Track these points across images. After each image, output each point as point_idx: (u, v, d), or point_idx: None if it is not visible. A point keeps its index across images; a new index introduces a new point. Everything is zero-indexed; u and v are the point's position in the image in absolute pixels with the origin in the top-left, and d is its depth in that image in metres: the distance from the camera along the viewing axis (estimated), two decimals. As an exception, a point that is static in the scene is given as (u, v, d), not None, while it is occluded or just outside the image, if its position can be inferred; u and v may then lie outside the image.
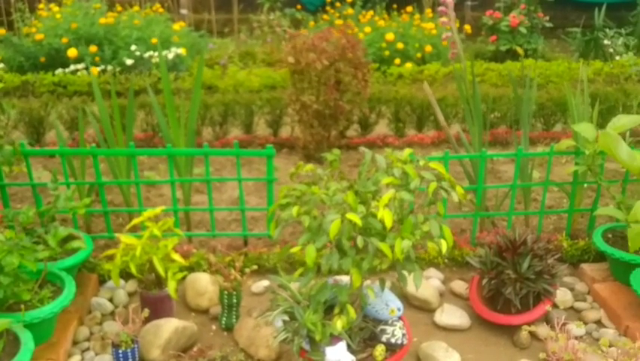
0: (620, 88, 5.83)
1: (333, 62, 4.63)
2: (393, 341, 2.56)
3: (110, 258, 3.14)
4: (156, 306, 3.04)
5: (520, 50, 7.64)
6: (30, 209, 2.82)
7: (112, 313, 3.21)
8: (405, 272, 2.36)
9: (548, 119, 5.80)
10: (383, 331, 2.59)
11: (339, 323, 2.34)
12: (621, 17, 8.64)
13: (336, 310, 2.40)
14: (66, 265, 3.02)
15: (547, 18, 7.95)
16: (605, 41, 7.23)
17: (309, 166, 2.54)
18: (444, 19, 3.99)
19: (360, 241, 2.18)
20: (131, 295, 3.36)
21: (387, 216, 2.14)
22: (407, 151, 2.42)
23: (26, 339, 2.48)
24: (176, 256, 3.01)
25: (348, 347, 2.52)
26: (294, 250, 2.29)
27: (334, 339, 2.48)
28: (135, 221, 3.02)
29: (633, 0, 8.81)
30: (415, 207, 2.42)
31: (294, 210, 2.31)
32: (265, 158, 3.42)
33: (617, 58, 7.16)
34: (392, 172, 2.35)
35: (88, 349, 2.95)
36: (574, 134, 3.66)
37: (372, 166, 2.47)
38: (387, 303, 2.71)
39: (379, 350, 2.52)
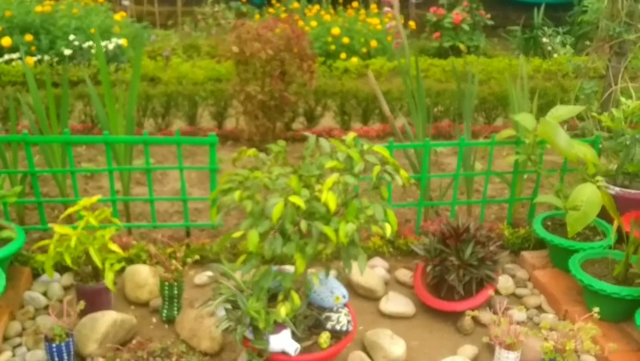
0: (557, 83, 6.00)
1: (278, 52, 4.58)
2: (338, 327, 2.54)
3: (44, 249, 3.00)
4: (93, 299, 2.91)
5: (462, 47, 7.79)
6: (-45, 197, 2.66)
7: (46, 308, 3.07)
8: (350, 259, 2.33)
9: (490, 113, 5.91)
10: (328, 318, 2.56)
11: (283, 310, 2.29)
12: (559, 17, 8.92)
13: (280, 297, 2.35)
14: (-5, 258, 2.86)
15: (489, 16, 8.13)
16: (544, 39, 7.44)
17: (252, 151, 2.49)
18: (388, 8, 3.99)
19: (303, 224, 2.14)
20: (66, 288, 3.22)
21: (330, 199, 2.11)
22: (351, 135, 2.40)
23: (-50, 334, 2.34)
24: (114, 247, 2.90)
25: (293, 334, 2.48)
26: (236, 235, 2.23)
27: (278, 327, 2.43)
28: (70, 210, 2.89)
29: (570, 1, 9.10)
30: (359, 192, 2.39)
31: (237, 194, 2.25)
32: (208, 149, 3.34)
33: (555, 55, 7.38)
34: (336, 156, 2.32)
35: (20, 345, 2.81)
36: (514, 125, 3.73)
37: (316, 151, 2.43)
38: (332, 290, 2.68)
39: (324, 337, 2.49)
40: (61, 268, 3.22)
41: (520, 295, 3.36)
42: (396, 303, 3.20)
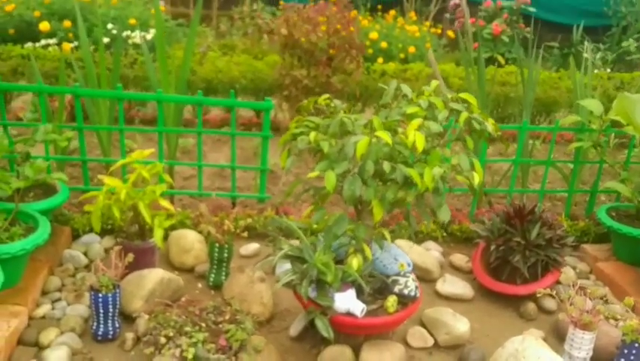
0: (603, 92, 5.86)
1: (327, 36, 4.47)
2: (406, 292, 2.36)
3: (90, 202, 2.85)
4: (138, 259, 2.74)
5: (500, 59, 7.68)
6: (3, 137, 2.53)
7: (86, 267, 2.93)
8: (427, 208, 2.17)
9: (534, 118, 5.77)
10: (395, 282, 2.38)
11: (355, 262, 2.12)
12: (597, 40, 8.81)
13: (351, 249, 2.18)
14: (40, 208, 2.73)
15: (528, 29, 8.02)
16: (585, 55, 7.30)
17: (322, 98, 2.35)
18: None
19: (387, 166, 1.98)
20: (107, 250, 3.06)
21: (419, 139, 1.95)
22: (434, 83, 2.25)
23: (-5, 270, 2.19)
24: (165, 203, 2.75)
25: (358, 295, 2.31)
26: (312, 175, 2.07)
27: (344, 286, 2.27)
28: (122, 161, 2.76)
29: (608, 24, 9.02)
30: (440, 143, 2.24)
31: (312, 135, 2.11)
32: (254, 138, 3.20)
33: (596, 71, 7.22)
34: (418, 103, 2.18)
35: (59, 299, 2.66)
36: (578, 110, 3.58)
37: (394, 100, 2.29)
38: (395, 257, 2.51)
39: (391, 300, 2.31)
40: (102, 231, 3.08)
41: (583, 287, 3.15)
42: (454, 285, 3.02)
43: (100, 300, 2.38)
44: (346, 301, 2.24)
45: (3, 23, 6.68)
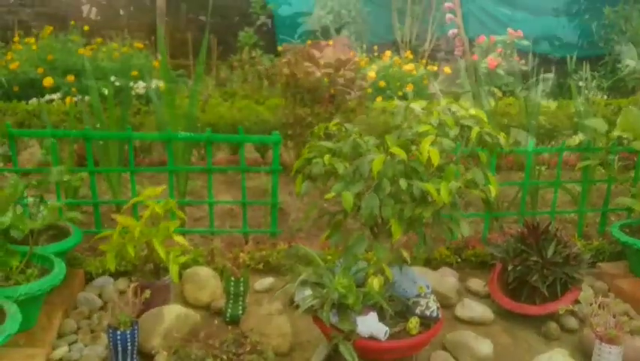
0: (602, 117, 5.92)
1: (329, 73, 4.54)
2: (428, 313, 2.33)
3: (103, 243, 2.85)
4: (153, 296, 2.73)
5: (498, 92, 7.78)
6: (18, 181, 2.54)
7: (101, 309, 2.90)
8: (444, 224, 2.16)
9: (537, 145, 5.80)
10: (417, 303, 2.36)
11: (376, 282, 2.11)
12: (591, 69, 8.95)
13: (371, 270, 2.17)
14: (54, 250, 2.72)
15: (524, 62, 8.16)
16: (580, 83, 7.41)
17: (333, 123, 2.38)
18: (450, 15, 3.98)
19: (403, 183, 1.99)
20: (121, 292, 3.03)
21: (433, 153, 1.97)
22: (444, 101, 2.29)
23: (13, 311, 2.17)
24: (179, 239, 2.74)
25: (379, 319, 2.28)
26: (328, 196, 2.07)
27: (365, 309, 2.24)
28: (135, 199, 2.77)
29: (601, 53, 9.18)
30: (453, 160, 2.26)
31: (326, 157, 2.13)
32: (261, 178, 3.23)
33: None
34: (429, 121, 2.20)
35: (76, 342, 2.62)
36: (584, 131, 3.61)
37: (404, 120, 2.32)
38: (414, 280, 2.49)
39: (413, 322, 2.28)
40: (115, 273, 3.06)
41: (605, 303, 3.12)
42: (473, 309, 2.98)
43: (118, 337, 2.35)
44: (369, 325, 2.21)
45: (7, 81, 6.79)
